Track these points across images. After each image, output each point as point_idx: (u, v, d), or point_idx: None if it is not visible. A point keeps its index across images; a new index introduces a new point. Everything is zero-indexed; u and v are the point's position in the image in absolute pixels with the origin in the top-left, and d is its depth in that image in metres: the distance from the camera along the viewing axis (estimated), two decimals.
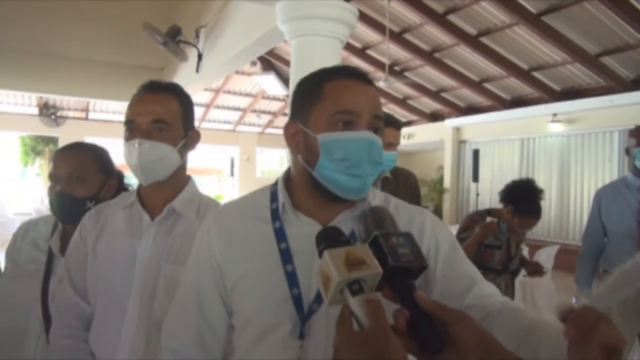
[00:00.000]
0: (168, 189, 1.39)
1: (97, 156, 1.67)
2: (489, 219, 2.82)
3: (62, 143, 12.29)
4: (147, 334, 1.26)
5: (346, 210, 1.02)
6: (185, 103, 1.40)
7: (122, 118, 1.39)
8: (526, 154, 9.40)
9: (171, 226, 1.35)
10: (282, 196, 1.03)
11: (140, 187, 1.42)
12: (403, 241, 0.75)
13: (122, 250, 1.34)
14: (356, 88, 0.98)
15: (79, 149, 1.66)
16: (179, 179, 1.42)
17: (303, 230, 1.00)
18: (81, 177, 1.58)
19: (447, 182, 10.79)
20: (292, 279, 0.96)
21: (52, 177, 1.58)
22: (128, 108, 1.37)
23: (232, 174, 14.81)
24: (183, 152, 1.39)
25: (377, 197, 1.08)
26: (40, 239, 1.64)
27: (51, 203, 1.59)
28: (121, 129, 1.37)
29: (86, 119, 12.44)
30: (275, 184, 1.08)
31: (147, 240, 1.33)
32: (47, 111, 11.71)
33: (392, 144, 2.44)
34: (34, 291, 1.55)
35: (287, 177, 1.08)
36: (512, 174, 8.81)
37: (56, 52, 7.16)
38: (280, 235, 1.00)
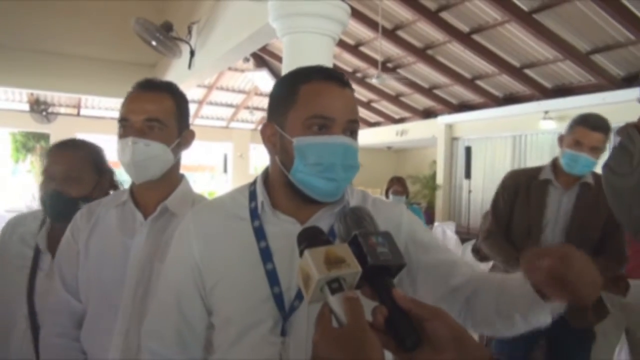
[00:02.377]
0: (161, 187, 1.39)
1: (93, 156, 1.68)
2: None
3: (53, 139, 12.15)
4: (139, 332, 1.26)
5: (324, 208, 1.04)
6: (180, 102, 1.40)
7: (114, 115, 1.40)
8: (518, 151, 9.45)
9: (164, 225, 1.35)
10: (261, 195, 1.04)
11: (133, 185, 1.42)
12: (382, 240, 0.77)
13: (115, 248, 1.34)
14: (331, 92, 0.98)
15: (76, 148, 1.65)
16: (173, 178, 1.42)
17: (282, 228, 1.02)
18: (77, 177, 1.59)
19: (439, 179, 10.83)
20: (272, 277, 0.98)
21: (47, 174, 1.58)
22: (122, 105, 1.36)
23: (225, 170, 14.76)
24: (176, 151, 1.39)
25: (354, 195, 1.10)
26: (28, 235, 1.64)
27: (43, 199, 1.59)
28: (113, 126, 1.38)
29: (78, 115, 12.35)
30: (254, 182, 1.09)
31: (139, 239, 1.34)
32: (38, 107, 11.61)
33: (597, 149, 2.26)
34: (21, 287, 1.55)
35: (266, 176, 1.09)
36: (504, 171, 8.78)
37: (47, 48, 7.11)
38: (260, 234, 1.01)
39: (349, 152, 0.98)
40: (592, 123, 2.27)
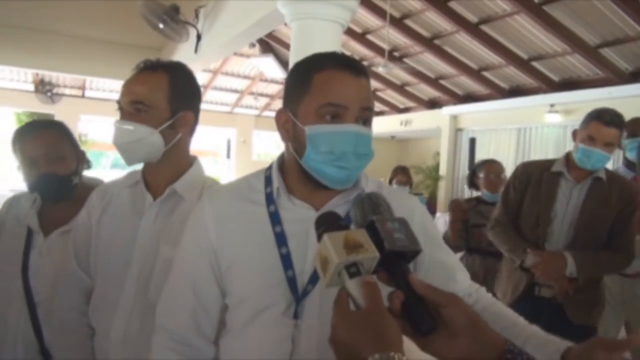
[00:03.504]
0: (166, 170, 1.38)
1: (65, 132, 1.66)
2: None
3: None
4: (142, 313, 1.28)
5: (339, 195, 1.04)
6: (177, 83, 1.35)
7: (118, 97, 1.39)
8: (522, 144, 9.43)
9: (172, 208, 1.35)
10: (276, 181, 1.05)
11: (145, 166, 1.42)
12: (398, 226, 0.78)
13: (124, 228, 1.35)
14: (345, 79, 0.97)
15: (46, 128, 1.64)
16: (179, 161, 1.41)
17: (297, 214, 1.03)
18: (59, 156, 1.58)
19: (442, 170, 10.82)
20: (286, 261, 0.99)
21: (26, 160, 1.57)
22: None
23: (228, 156, 14.76)
24: (169, 133, 1.34)
25: (369, 183, 1.10)
26: (21, 214, 1.65)
27: (32, 187, 1.59)
28: (116, 107, 1.38)
29: (82, 96, 12.32)
30: (270, 168, 1.10)
31: (147, 220, 1.35)
32: (43, 88, 11.57)
33: (611, 145, 2.25)
34: (16, 266, 1.57)
35: (281, 161, 1.10)
36: (508, 163, 8.84)
37: (53, 28, 7.08)
38: (275, 218, 1.03)
39: (361, 140, 0.97)
40: (606, 118, 2.26)
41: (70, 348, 1.37)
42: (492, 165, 3.40)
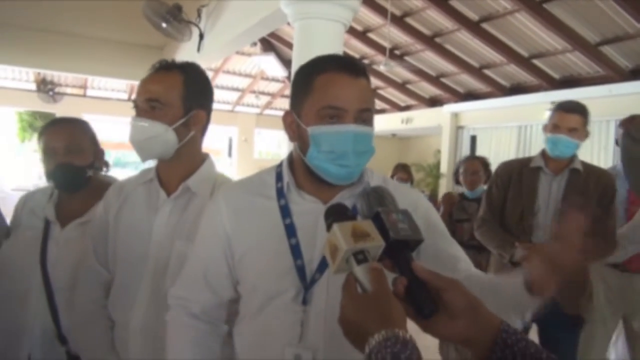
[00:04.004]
0: (180, 167, 1.43)
1: (86, 128, 1.76)
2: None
3: None
4: (159, 305, 1.33)
5: (345, 189, 1.11)
6: (191, 82, 1.41)
7: (121, 96, 1.45)
8: (523, 141, 9.45)
9: (185, 204, 1.40)
10: (286, 176, 1.12)
11: (159, 163, 1.47)
12: (402, 217, 0.83)
13: (140, 224, 1.41)
14: (343, 82, 1.03)
15: (69, 122, 1.75)
16: (192, 158, 1.46)
17: (306, 207, 1.10)
18: (78, 148, 1.67)
19: (443, 167, 10.85)
20: (296, 251, 1.06)
21: (48, 150, 1.65)
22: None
23: (229, 154, 14.81)
24: (182, 131, 1.39)
25: (374, 178, 1.17)
26: (37, 208, 1.73)
27: (49, 176, 1.67)
28: (119, 107, 1.47)
29: (84, 96, 12.36)
30: (280, 164, 1.17)
31: (162, 216, 1.40)
32: (45, 87, 11.63)
33: (575, 130, 2.41)
34: (34, 256, 1.64)
35: (291, 158, 1.17)
36: None
37: (55, 27, 7.10)
38: (285, 211, 1.10)
39: (359, 139, 1.03)
40: (567, 106, 2.49)
41: (93, 339, 1.44)
42: (469, 163, 3.50)
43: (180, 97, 1.38)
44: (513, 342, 0.72)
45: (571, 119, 2.43)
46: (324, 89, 1.03)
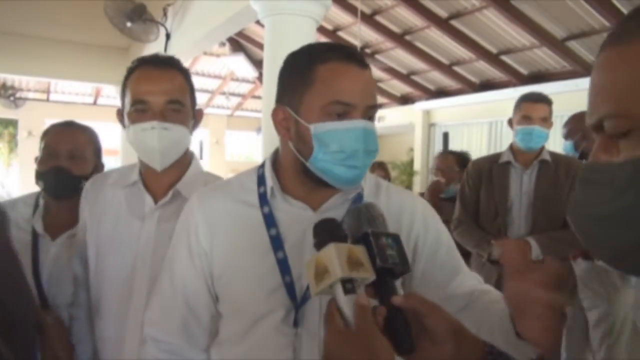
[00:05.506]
0: (174, 171, 1.32)
1: (94, 139, 1.68)
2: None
3: (22, 125, 11.82)
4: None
5: (338, 194, 0.99)
6: (189, 79, 1.34)
7: (86, 100, 1.32)
8: (494, 137, 9.56)
9: (176, 211, 1.26)
10: (270, 180, 0.99)
11: (142, 166, 1.34)
12: (391, 242, 0.77)
13: (124, 232, 1.28)
14: (351, 74, 0.92)
15: (79, 128, 1.66)
16: (184, 160, 1.36)
17: (293, 214, 0.97)
18: (80, 156, 1.58)
19: (417, 165, 10.91)
20: (283, 266, 0.94)
21: (50, 150, 1.56)
22: (133, 86, 1.25)
23: (201, 157, 14.58)
24: (192, 132, 1.35)
25: (367, 181, 1.05)
26: (21, 220, 1.60)
27: (40, 176, 1.56)
28: (83, 112, 1.33)
29: (47, 100, 11.93)
30: (262, 166, 1.04)
31: (150, 224, 1.27)
32: (6, 92, 11.17)
33: (545, 119, 2.43)
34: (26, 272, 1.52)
35: (275, 159, 1.03)
36: (481, 156, 8.95)
37: (15, 29, 6.83)
38: (270, 220, 0.96)
39: (370, 137, 0.93)
40: (534, 97, 2.53)
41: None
42: (440, 159, 3.45)
43: (189, 96, 1.31)
44: None
45: (541, 108, 2.44)
46: (329, 82, 0.90)
